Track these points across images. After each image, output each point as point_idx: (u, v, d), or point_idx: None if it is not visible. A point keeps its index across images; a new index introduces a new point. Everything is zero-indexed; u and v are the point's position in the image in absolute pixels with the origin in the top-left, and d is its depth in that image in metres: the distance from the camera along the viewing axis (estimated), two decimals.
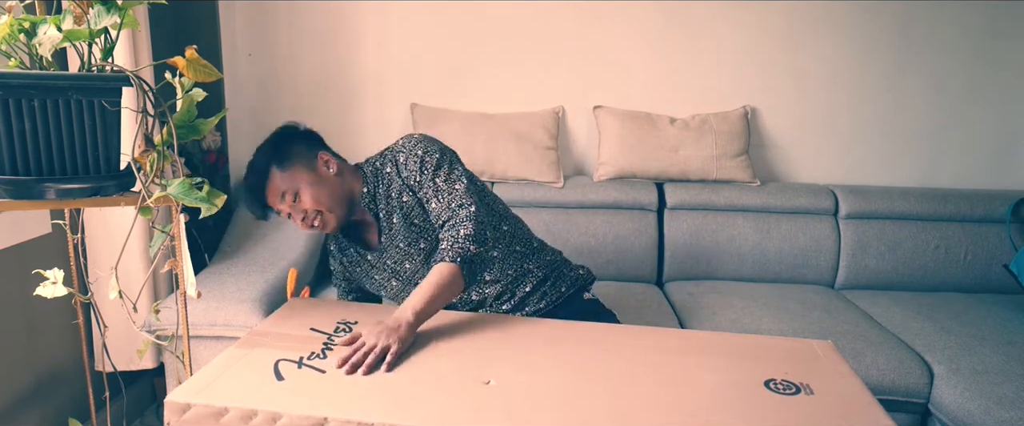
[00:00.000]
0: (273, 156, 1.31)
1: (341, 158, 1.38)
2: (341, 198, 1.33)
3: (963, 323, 1.89)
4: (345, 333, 1.12)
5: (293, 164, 1.31)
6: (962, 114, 2.40)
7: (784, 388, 0.97)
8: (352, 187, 1.36)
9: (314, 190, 1.30)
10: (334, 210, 1.32)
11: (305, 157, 1.32)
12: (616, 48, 2.38)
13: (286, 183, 1.29)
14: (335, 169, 1.34)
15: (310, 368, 0.97)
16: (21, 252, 1.61)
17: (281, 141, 1.33)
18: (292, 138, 1.35)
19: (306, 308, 1.25)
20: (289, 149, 1.32)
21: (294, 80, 2.45)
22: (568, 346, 1.10)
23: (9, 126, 0.98)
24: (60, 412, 1.75)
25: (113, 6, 1.02)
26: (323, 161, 1.34)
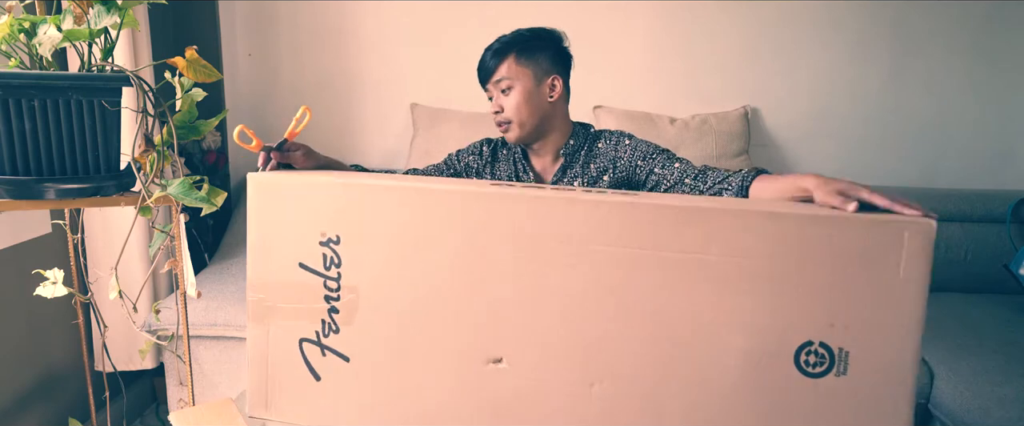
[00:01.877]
0: (521, 44, 1.31)
1: (568, 94, 1.38)
2: (539, 123, 1.32)
3: (963, 323, 1.89)
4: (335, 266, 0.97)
5: (528, 65, 1.30)
6: (962, 114, 2.40)
7: (817, 362, 0.83)
8: (556, 124, 1.35)
9: (523, 99, 1.29)
10: (525, 126, 1.31)
11: (542, 69, 1.31)
12: (616, 48, 2.38)
13: (510, 73, 1.29)
14: (556, 98, 1.33)
15: (333, 354, 0.94)
16: (21, 252, 1.61)
17: (539, 39, 1.33)
18: (549, 45, 1.34)
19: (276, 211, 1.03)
20: (538, 50, 1.32)
21: (294, 80, 2.45)
22: None
23: (9, 126, 0.99)
24: (60, 412, 1.75)
25: (113, 6, 1.03)
26: (551, 83, 1.32)
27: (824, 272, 0.80)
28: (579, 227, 0.84)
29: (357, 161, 2.51)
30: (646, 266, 0.83)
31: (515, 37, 1.32)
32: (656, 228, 0.83)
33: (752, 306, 0.82)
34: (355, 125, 2.48)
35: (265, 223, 0.95)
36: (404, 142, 2.43)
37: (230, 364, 1.79)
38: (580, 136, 1.37)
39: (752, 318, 0.82)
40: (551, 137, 1.36)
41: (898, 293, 0.79)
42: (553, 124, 1.35)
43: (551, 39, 1.35)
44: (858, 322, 0.81)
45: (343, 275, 0.95)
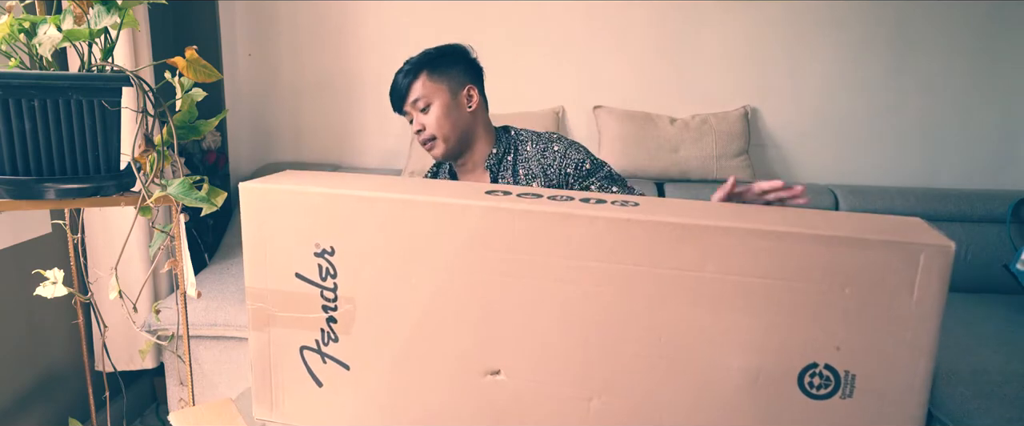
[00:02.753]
0: (431, 62, 1.31)
1: (485, 102, 1.39)
2: (462, 136, 1.33)
3: (963, 323, 1.89)
4: (331, 277, 0.97)
5: (441, 80, 1.31)
6: (962, 114, 2.40)
7: (821, 384, 0.83)
8: (479, 134, 1.36)
9: (442, 114, 1.30)
10: (448, 142, 1.32)
11: (455, 81, 1.32)
12: (616, 48, 2.38)
13: (425, 92, 1.30)
14: (475, 107, 1.34)
15: (334, 361, 0.95)
16: (21, 252, 1.61)
17: (447, 54, 1.33)
18: (459, 59, 1.35)
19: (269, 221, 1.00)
20: (449, 66, 1.32)
21: (294, 80, 2.45)
22: None
23: (9, 126, 0.99)
24: (60, 412, 1.75)
25: (113, 6, 1.03)
26: (467, 94, 1.33)
27: (829, 293, 0.78)
28: (573, 242, 0.84)
29: (357, 161, 2.51)
30: (641, 283, 0.83)
31: (423, 57, 1.32)
32: (652, 245, 0.83)
33: (752, 326, 0.81)
34: (355, 125, 2.48)
35: (259, 233, 0.94)
36: (404, 142, 2.43)
37: (230, 364, 1.79)
38: (503, 143, 1.36)
39: (752, 338, 0.81)
40: (476, 148, 1.36)
41: (910, 317, 0.76)
42: (475, 134, 1.35)
43: (459, 53, 1.35)
44: (866, 345, 0.79)
45: (339, 286, 0.94)
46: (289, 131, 2.49)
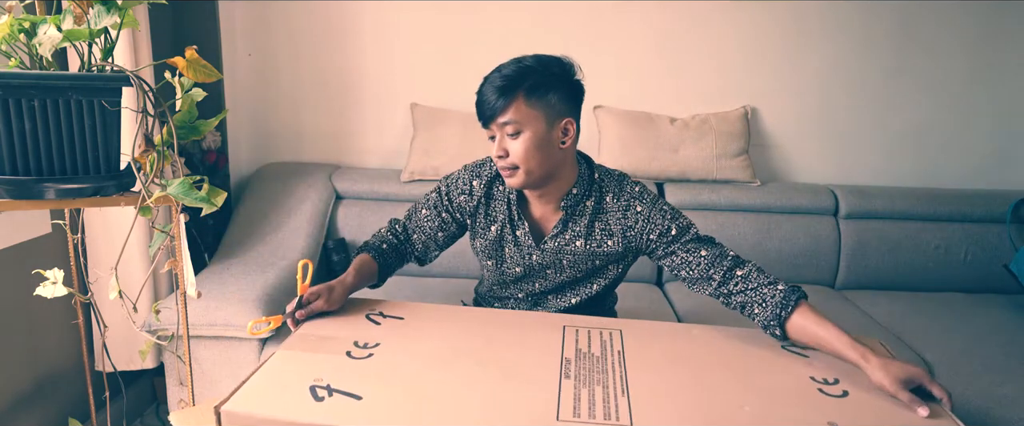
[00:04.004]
0: (531, 83, 1.15)
1: (578, 135, 1.23)
2: (547, 172, 1.20)
3: (963, 323, 1.89)
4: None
5: (539, 107, 1.15)
6: (962, 114, 2.40)
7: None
8: (564, 172, 1.23)
9: (533, 146, 1.15)
10: (532, 175, 1.18)
11: (555, 110, 1.17)
12: (616, 48, 2.38)
13: (519, 117, 1.15)
14: (569, 144, 1.20)
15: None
16: (21, 252, 1.61)
17: (549, 76, 1.16)
18: (561, 81, 1.17)
19: None
20: (550, 90, 1.16)
21: (294, 80, 2.45)
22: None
23: (9, 126, 0.99)
24: (60, 412, 1.75)
25: (113, 6, 1.03)
26: (564, 128, 1.18)
27: None
28: None
29: (357, 161, 2.51)
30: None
31: (523, 72, 1.15)
32: None
33: None
34: (355, 125, 2.47)
35: None
36: (404, 142, 2.43)
37: (230, 364, 1.79)
38: (585, 182, 1.25)
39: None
40: (555, 184, 1.24)
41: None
42: (562, 172, 1.23)
43: (562, 74, 1.18)
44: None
45: None
46: (289, 131, 2.49)
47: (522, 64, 1.16)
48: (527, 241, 1.31)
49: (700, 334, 1.18)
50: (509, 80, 1.15)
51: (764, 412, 0.91)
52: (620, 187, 1.27)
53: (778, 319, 1.11)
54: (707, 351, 1.11)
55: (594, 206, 1.26)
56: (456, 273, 2.21)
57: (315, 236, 2.18)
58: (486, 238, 1.35)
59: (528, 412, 0.89)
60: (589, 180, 1.27)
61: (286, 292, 1.90)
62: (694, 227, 1.25)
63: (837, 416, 0.90)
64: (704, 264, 1.20)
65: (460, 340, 1.10)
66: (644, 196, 1.26)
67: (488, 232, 1.34)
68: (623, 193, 1.26)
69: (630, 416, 0.88)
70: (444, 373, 0.99)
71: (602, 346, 1.09)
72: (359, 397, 0.91)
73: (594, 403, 0.91)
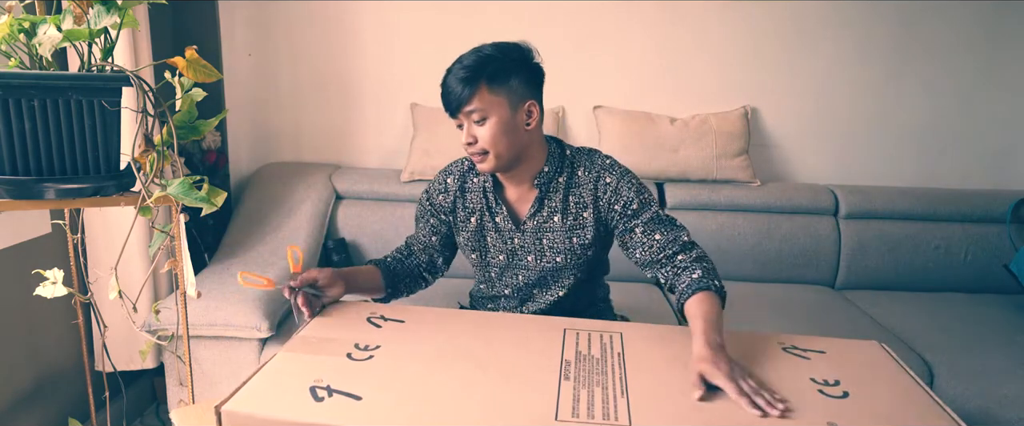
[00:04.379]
0: (492, 71, 1.19)
1: (543, 117, 1.29)
2: (515, 154, 1.25)
3: (963, 323, 1.89)
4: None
5: (502, 92, 1.20)
6: (962, 114, 2.40)
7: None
8: (533, 152, 1.28)
9: (500, 130, 1.20)
10: (501, 158, 1.23)
11: (517, 94, 1.21)
12: (616, 48, 2.38)
13: (483, 104, 1.19)
14: (533, 125, 1.24)
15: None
16: (21, 252, 1.61)
17: (509, 62, 1.21)
18: (520, 65, 1.22)
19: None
20: (510, 76, 1.20)
21: (294, 80, 2.45)
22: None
23: (9, 126, 0.99)
24: (60, 412, 1.75)
25: (113, 6, 1.03)
26: (527, 110, 1.23)
27: None
28: None
29: (357, 161, 2.51)
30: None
31: (483, 61, 1.19)
32: None
33: None
34: (355, 125, 2.47)
35: None
36: (404, 142, 2.43)
37: (230, 364, 1.79)
38: (555, 159, 1.30)
39: None
40: (526, 164, 1.29)
41: None
42: (530, 151, 1.28)
43: (522, 59, 1.23)
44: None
45: None
46: (289, 131, 2.49)
47: (482, 53, 1.20)
48: (507, 225, 1.34)
49: None
50: (471, 70, 1.19)
51: None
52: (591, 160, 1.31)
53: (680, 304, 1.17)
54: None
55: (567, 180, 1.30)
56: (456, 273, 2.21)
57: (315, 236, 2.18)
58: (468, 230, 1.38)
59: (527, 413, 0.89)
60: (560, 157, 1.31)
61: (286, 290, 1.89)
62: (656, 205, 1.28)
63: (837, 417, 0.90)
64: (656, 248, 1.23)
65: (460, 342, 1.10)
66: (614, 168, 1.29)
67: (468, 224, 1.38)
68: (594, 165, 1.30)
69: (629, 416, 0.88)
70: (444, 374, 0.99)
71: (602, 348, 1.09)
72: (359, 398, 0.91)
73: (593, 404, 0.91)
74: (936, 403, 0.96)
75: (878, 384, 1.01)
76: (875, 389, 0.99)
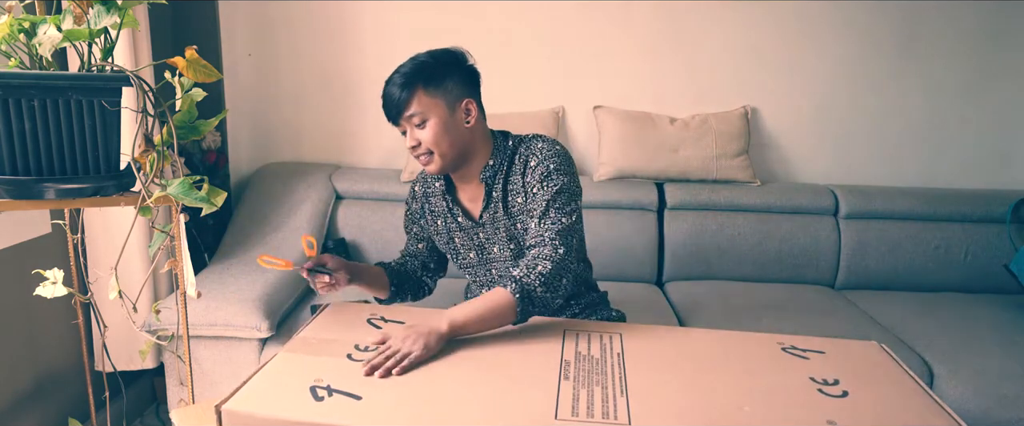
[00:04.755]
0: (426, 74, 1.24)
1: (483, 114, 1.33)
2: (459, 151, 1.28)
3: (963, 323, 1.89)
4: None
5: (438, 95, 1.24)
6: (962, 114, 2.40)
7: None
8: (477, 147, 1.31)
9: (440, 130, 1.24)
10: (446, 157, 1.27)
11: (453, 95, 1.26)
12: (616, 48, 2.38)
13: (421, 107, 1.24)
14: (473, 122, 1.28)
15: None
16: (21, 252, 1.61)
17: (442, 65, 1.26)
18: (454, 68, 1.27)
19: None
20: (445, 78, 1.25)
21: (294, 80, 2.45)
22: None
23: (9, 126, 0.99)
24: (60, 412, 1.75)
25: (113, 6, 1.03)
26: (465, 108, 1.27)
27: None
28: None
29: (357, 161, 2.51)
30: None
31: (418, 67, 1.24)
32: None
33: None
34: (355, 125, 2.47)
35: None
36: (404, 142, 2.43)
37: (230, 364, 1.79)
38: (500, 153, 1.32)
39: None
40: (473, 160, 1.32)
41: None
42: (474, 148, 1.31)
43: (455, 62, 1.28)
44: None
45: None
46: (289, 131, 2.49)
47: (417, 60, 1.26)
48: (467, 223, 1.38)
49: (700, 337, 1.19)
50: (407, 77, 1.24)
51: (763, 412, 0.91)
52: (528, 146, 1.32)
53: None
54: (706, 353, 1.11)
55: (507, 170, 1.32)
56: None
57: (315, 236, 2.18)
58: (438, 233, 1.43)
59: (526, 412, 0.89)
60: (503, 149, 1.33)
61: (286, 292, 1.90)
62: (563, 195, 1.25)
63: (836, 416, 0.90)
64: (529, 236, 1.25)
65: (460, 343, 1.10)
66: (541, 151, 1.28)
67: (437, 227, 1.42)
68: (528, 151, 1.31)
69: (628, 415, 0.89)
70: (443, 375, 0.99)
71: (602, 349, 1.09)
72: (359, 397, 0.91)
73: (593, 403, 0.91)
74: (936, 402, 0.96)
75: (877, 384, 1.01)
76: (874, 389, 0.99)
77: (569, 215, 1.24)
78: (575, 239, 1.25)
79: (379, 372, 0.97)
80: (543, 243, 1.21)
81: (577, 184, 1.30)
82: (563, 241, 1.21)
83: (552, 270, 1.17)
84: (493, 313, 1.12)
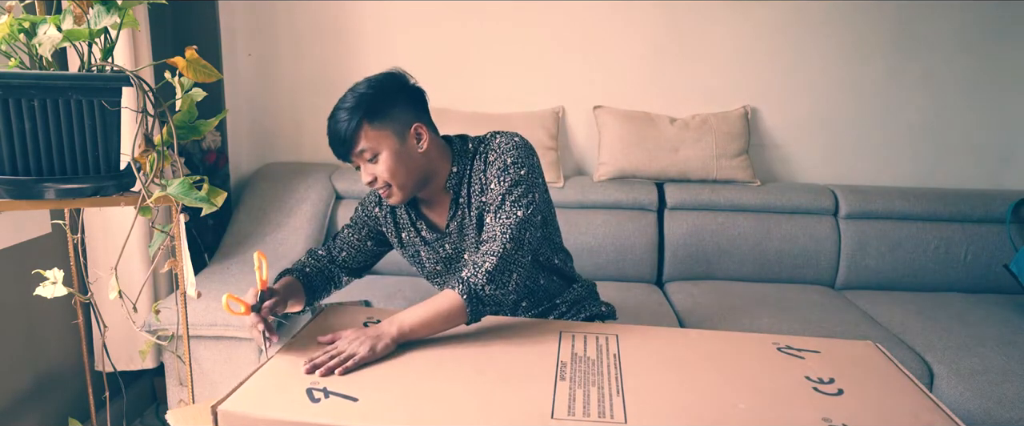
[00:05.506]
0: (369, 108, 1.19)
1: (434, 131, 1.29)
2: (418, 178, 1.25)
3: (963, 323, 1.89)
4: None
5: (386, 126, 1.20)
6: (962, 114, 2.40)
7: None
8: (435, 166, 1.27)
9: (394, 162, 1.20)
10: (405, 187, 1.24)
11: (400, 122, 1.21)
12: (616, 48, 2.38)
13: (370, 142, 1.19)
14: (425, 146, 1.24)
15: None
16: (21, 252, 1.61)
17: (385, 95, 1.21)
18: (397, 95, 1.22)
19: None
20: (389, 107, 1.20)
21: (294, 80, 2.45)
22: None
23: (9, 126, 0.99)
24: (60, 412, 1.75)
25: (113, 6, 1.03)
26: (415, 134, 1.23)
27: None
28: None
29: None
30: None
31: (359, 101, 1.19)
32: None
33: None
34: None
35: None
36: None
37: (230, 364, 1.79)
38: (462, 158, 1.28)
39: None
40: (435, 180, 1.28)
41: None
42: (433, 167, 1.27)
43: (396, 87, 1.23)
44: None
45: None
46: (289, 131, 2.50)
47: (356, 92, 1.20)
48: (432, 236, 1.34)
49: (696, 337, 1.19)
50: (350, 112, 1.19)
51: (759, 410, 0.91)
52: (487, 144, 1.28)
53: None
54: (703, 353, 1.11)
55: (470, 178, 1.28)
56: None
57: (315, 236, 2.18)
58: (401, 246, 1.40)
59: (523, 412, 0.89)
60: (465, 154, 1.29)
61: None
62: (519, 189, 1.22)
63: (832, 414, 0.91)
64: (487, 228, 1.22)
65: (456, 345, 1.10)
66: (499, 147, 1.25)
67: (400, 237, 1.39)
68: (487, 148, 1.27)
69: (624, 414, 0.89)
70: (440, 376, 0.99)
71: (598, 350, 1.09)
72: (355, 399, 0.91)
73: (589, 402, 0.91)
74: (930, 399, 0.96)
75: (873, 382, 1.01)
76: (870, 387, 1.00)
77: (525, 207, 1.20)
78: (529, 232, 1.20)
79: (320, 371, 0.97)
80: (493, 239, 1.19)
81: (536, 174, 1.26)
82: (513, 236, 1.18)
83: (498, 265, 1.15)
84: (441, 317, 1.10)
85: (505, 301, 1.17)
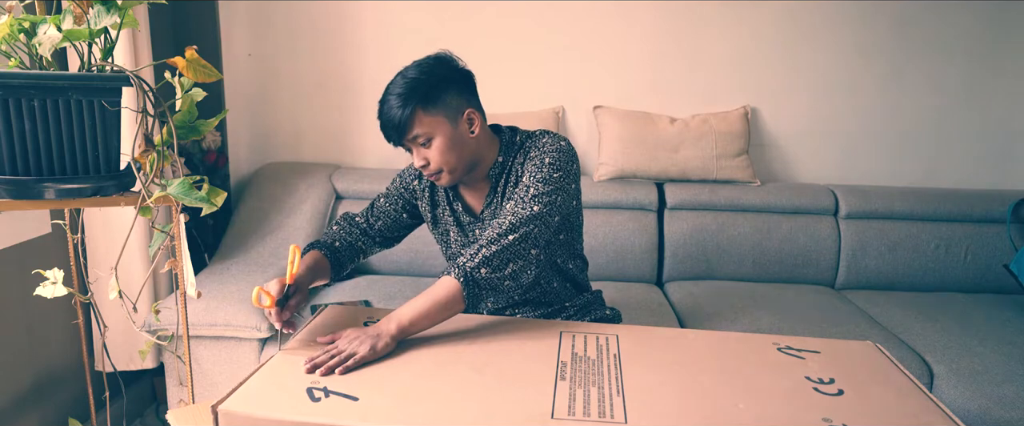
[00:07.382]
0: (423, 94, 1.19)
1: (484, 116, 1.29)
2: (469, 162, 1.27)
3: (963, 323, 1.89)
4: None
5: (439, 111, 1.21)
6: (962, 114, 2.40)
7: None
8: (484, 153, 1.29)
9: (447, 147, 1.22)
10: (456, 172, 1.25)
11: (453, 107, 1.22)
12: (616, 48, 2.39)
13: (424, 128, 1.20)
14: (478, 131, 1.25)
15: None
16: (21, 252, 1.61)
17: (437, 80, 1.21)
18: (449, 79, 1.23)
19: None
20: (442, 92, 1.21)
21: (294, 80, 2.45)
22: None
23: (9, 126, 0.99)
24: (60, 412, 1.75)
25: (113, 6, 1.03)
26: (468, 119, 1.24)
27: None
28: None
29: (357, 161, 2.51)
30: None
31: (413, 87, 1.19)
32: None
33: None
34: (355, 125, 2.48)
35: None
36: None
37: (230, 364, 1.79)
38: (510, 149, 1.30)
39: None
40: (480, 166, 1.31)
41: None
42: (482, 153, 1.29)
43: (448, 73, 1.24)
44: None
45: None
46: (289, 131, 2.50)
47: (408, 77, 1.20)
48: (467, 219, 1.36)
49: (696, 337, 1.19)
50: (403, 98, 1.19)
51: (759, 410, 0.91)
52: (535, 141, 1.29)
53: None
54: (703, 353, 1.11)
55: (512, 166, 1.31)
56: None
57: (315, 236, 2.18)
58: (433, 222, 1.42)
59: (523, 411, 0.89)
60: (511, 145, 1.31)
61: None
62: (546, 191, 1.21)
63: (832, 414, 0.91)
64: (503, 213, 1.22)
65: (457, 345, 1.10)
66: (543, 146, 1.26)
67: (434, 216, 1.41)
68: (533, 144, 1.29)
69: (624, 414, 0.89)
70: (440, 376, 0.99)
71: (598, 350, 1.09)
72: (355, 398, 0.91)
73: (589, 402, 0.91)
74: (930, 399, 0.96)
75: (873, 382, 1.01)
76: (870, 387, 1.00)
77: (543, 205, 1.20)
78: (538, 229, 1.19)
79: (321, 370, 0.97)
80: (499, 226, 1.18)
81: (568, 180, 1.25)
82: (517, 227, 1.17)
83: (496, 252, 1.15)
84: (438, 305, 1.10)
85: (501, 286, 1.16)
